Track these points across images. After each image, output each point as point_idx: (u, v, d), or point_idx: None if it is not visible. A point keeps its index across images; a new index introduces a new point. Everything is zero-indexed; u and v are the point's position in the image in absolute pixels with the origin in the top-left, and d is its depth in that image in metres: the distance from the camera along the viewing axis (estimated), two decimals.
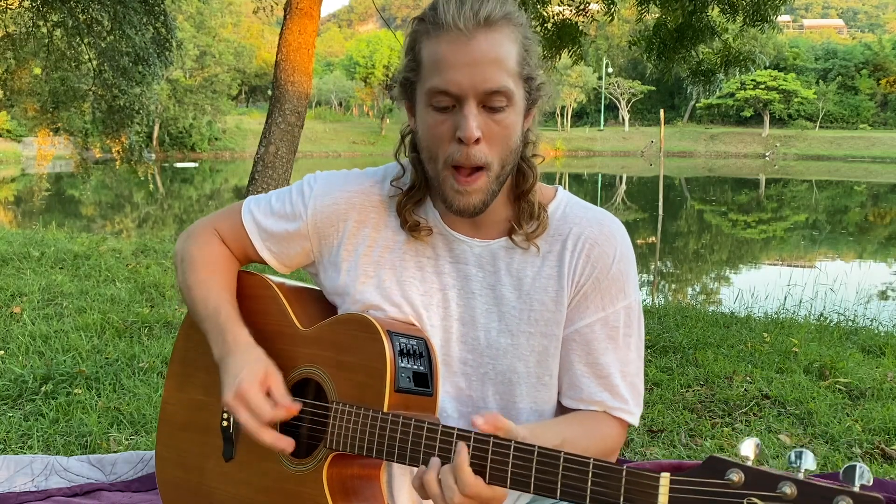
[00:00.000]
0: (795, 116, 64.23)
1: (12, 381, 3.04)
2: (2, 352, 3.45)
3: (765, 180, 37.30)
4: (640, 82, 65.94)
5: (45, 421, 2.73)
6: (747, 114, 63.99)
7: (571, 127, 71.58)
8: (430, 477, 1.03)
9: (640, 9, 8.18)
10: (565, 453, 0.96)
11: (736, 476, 0.84)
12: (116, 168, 15.68)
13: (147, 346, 3.61)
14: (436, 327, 1.26)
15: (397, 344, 1.17)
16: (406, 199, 1.27)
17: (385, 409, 1.13)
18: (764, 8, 7.60)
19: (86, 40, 11.39)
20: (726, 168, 46.84)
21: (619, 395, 1.23)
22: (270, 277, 1.40)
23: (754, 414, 3.14)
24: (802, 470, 0.82)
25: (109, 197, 24.06)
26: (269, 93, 12.42)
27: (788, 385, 3.42)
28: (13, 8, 11.56)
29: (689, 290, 9.63)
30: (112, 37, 11.32)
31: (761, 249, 14.68)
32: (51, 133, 14.65)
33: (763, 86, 61.24)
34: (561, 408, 1.28)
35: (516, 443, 0.99)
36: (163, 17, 11.67)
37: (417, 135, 1.21)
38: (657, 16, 8.40)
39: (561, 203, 1.28)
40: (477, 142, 1.11)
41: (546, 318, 1.23)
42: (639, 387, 1.26)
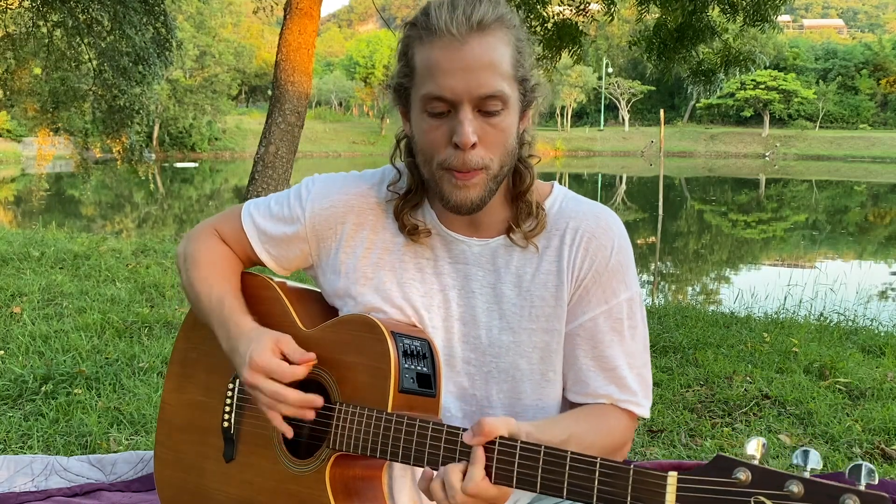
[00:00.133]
0: (795, 116, 64.27)
1: (12, 381, 3.04)
2: (2, 352, 3.45)
3: (765, 180, 37.32)
4: (640, 82, 65.95)
5: (45, 421, 2.72)
6: (747, 114, 64.03)
7: (571, 127, 71.66)
8: (437, 485, 1.03)
9: (640, 9, 8.18)
10: (572, 453, 0.96)
11: (743, 475, 0.84)
12: (117, 168, 15.68)
13: (147, 346, 3.61)
14: (437, 328, 1.26)
15: (401, 345, 1.17)
16: (403, 203, 1.27)
17: (389, 410, 1.13)
18: (764, 8, 7.60)
19: (86, 40, 11.39)
20: (726, 168, 46.86)
21: (626, 388, 1.22)
22: (272, 278, 1.39)
23: (754, 414, 3.14)
24: (808, 469, 0.82)
25: (109, 197, 24.05)
26: (269, 93, 12.43)
27: (788, 385, 3.42)
28: (13, 8, 11.56)
29: (689, 290, 9.62)
30: (112, 37, 11.34)
31: (761, 249, 14.67)
32: (51, 133, 14.64)
33: (763, 86, 61.30)
34: (567, 404, 1.28)
35: (522, 442, 0.99)
36: (163, 17, 11.68)
37: (413, 140, 1.20)
38: (657, 16, 8.40)
39: (557, 198, 1.28)
40: (473, 146, 1.11)
41: (547, 314, 1.23)
42: (647, 378, 1.25)
